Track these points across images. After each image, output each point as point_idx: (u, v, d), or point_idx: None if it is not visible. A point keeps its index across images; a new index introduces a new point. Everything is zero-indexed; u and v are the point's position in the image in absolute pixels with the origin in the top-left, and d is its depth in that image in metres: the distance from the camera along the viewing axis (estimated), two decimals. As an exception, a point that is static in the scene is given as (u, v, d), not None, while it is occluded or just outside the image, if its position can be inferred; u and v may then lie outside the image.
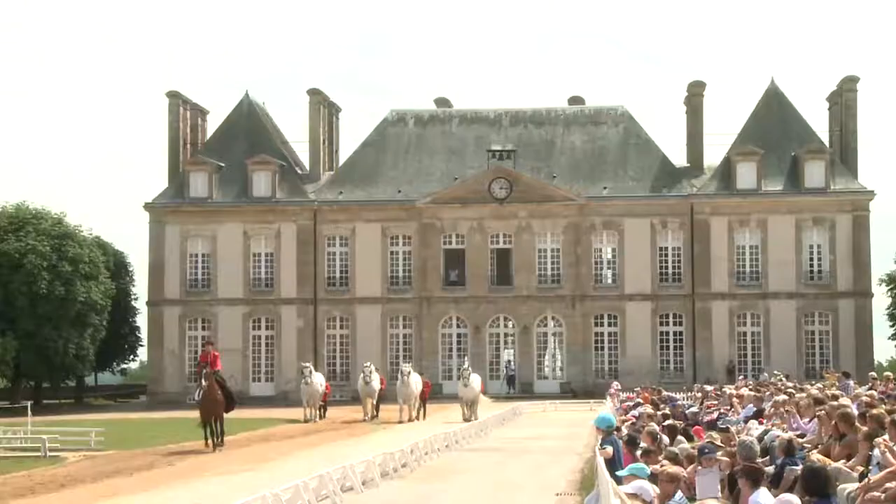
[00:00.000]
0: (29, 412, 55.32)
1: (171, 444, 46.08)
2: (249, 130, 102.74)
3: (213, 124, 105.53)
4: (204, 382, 44.07)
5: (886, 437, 18.24)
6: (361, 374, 64.17)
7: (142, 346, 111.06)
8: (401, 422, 58.97)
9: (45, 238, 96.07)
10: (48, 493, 30.44)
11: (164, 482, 32.82)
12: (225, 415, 45.58)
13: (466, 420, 55.52)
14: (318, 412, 63.25)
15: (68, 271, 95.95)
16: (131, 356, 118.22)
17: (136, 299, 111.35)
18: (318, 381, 63.52)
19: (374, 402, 63.77)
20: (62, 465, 38.88)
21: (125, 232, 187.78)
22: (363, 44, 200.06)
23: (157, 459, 40.02)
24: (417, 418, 62.75)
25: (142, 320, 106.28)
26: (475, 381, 61.14)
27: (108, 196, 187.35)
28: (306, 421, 61.00)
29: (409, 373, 62.71)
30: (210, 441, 43.70)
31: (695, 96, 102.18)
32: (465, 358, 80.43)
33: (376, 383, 63.18)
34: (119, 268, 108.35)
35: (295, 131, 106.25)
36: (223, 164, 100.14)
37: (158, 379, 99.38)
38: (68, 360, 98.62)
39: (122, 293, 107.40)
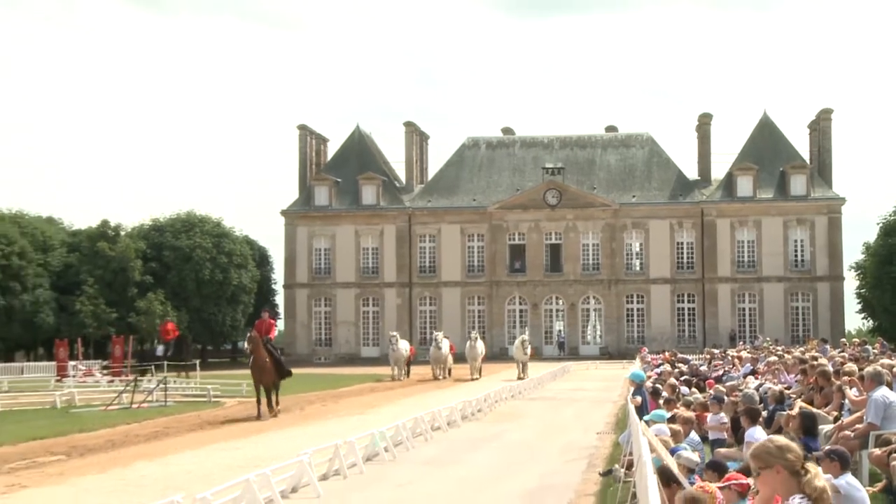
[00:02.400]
0: (197, 368, 55.83)
1: (302, 394, 46.23)
2: (360, 154, 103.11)
3: (332, 149, 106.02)
4: (247, 346, 36.59)
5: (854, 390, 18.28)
6: (434, 341, 62.57)
7: (279, 318, 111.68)
8: (472, 378, 58.17)
9: (208, 237, 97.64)
10: (213, 429, 30.76)
11: (297, 423, 33.01)
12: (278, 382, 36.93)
13: (520, 378, 54.69)
14: (403, 371, 61.77)
15: (225, 262, 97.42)
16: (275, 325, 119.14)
17: (275, 283, 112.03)
18: (403, 346, 61.90)
19: (446, 364, 61.90)
20: (222, 408, 39.30)
21: (267, 232, 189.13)
22: (446, 85, 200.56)
23: (292, 405, 40.10)
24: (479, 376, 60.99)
25: (279, 299, 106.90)
26: (528, 347, 60.37)
27: (255, 204, 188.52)
28: (393, 379, 59.59)
29: (477, 339, 61.74)
30: (261, 407, 34.92)
31: (704, 125, 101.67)
32: (526, 329, 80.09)
33: (445, 349, 61.35)
34: (262, 259, 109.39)
35: (394, 154, 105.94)
36: (340, 180, 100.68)
37: (292, 344, 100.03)
38: (225, 329, 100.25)
39: (264, 279, 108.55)
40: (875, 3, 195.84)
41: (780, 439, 6.85)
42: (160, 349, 55.35)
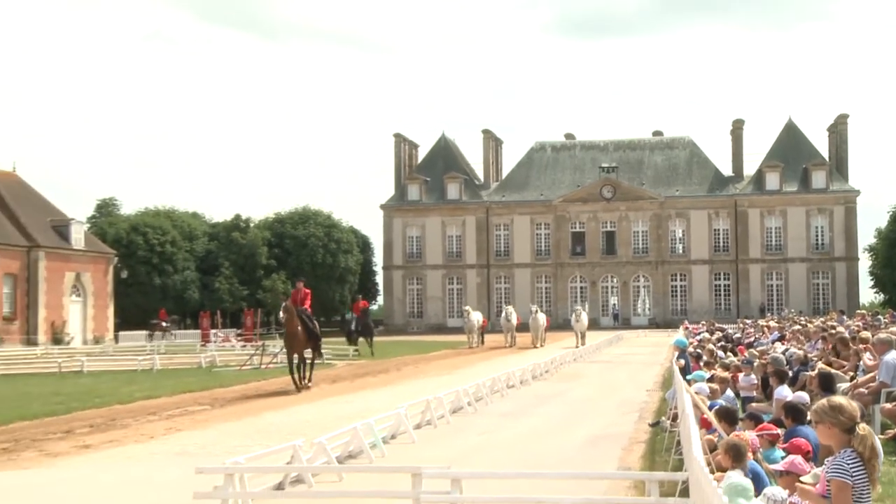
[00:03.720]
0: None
1: (398, 357, 46.53)
2: (445, 157, 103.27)
3: (422, 153, 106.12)
4: (282, 315, 30.02)
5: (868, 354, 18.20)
6: (504, 314, 61.38)
7: (379, 295, 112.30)
8: (534, 346, 56.48)
9: (320, 227, 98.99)
10: (327, 385, 31.15)
11: (395, 382, 33.20)
12: (313, 355, 31.43)
13: (577, 346, 52.43)
14: (478, 339, 60.14)
15: (334, 248, 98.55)
16: (373, 301, 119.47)
17: (375, 266, 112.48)
18: (476, 317, 60.64)
19: (513, 333, 59.88)
20: (333, 369, 39.64)
21: (368, 223, 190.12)
22: (518, 98, 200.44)
23: (391, 366, 40.43)
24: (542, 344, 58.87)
25: (379, 279, 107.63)
26: (584, 318, 59.29)
27: (358, 200, 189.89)
28: (470, 347, 57.91)
29: (537, 311, 60.02)
30: (296, 377, 29.41)
31: (737, 129, 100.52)
32: (586, 304, 79.62)
33: (514, 320, 59.78)
34: (365, 246, 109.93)
35: (474, 156, 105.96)
36: (428, 179, 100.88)
37: (390, 316, 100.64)
38: (335, 304, 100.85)
39: (366, 262, 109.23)
40: (883, 24, 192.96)
41: (838, 400, 6.73)
42: (354, 323, 54.88)
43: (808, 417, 11.90)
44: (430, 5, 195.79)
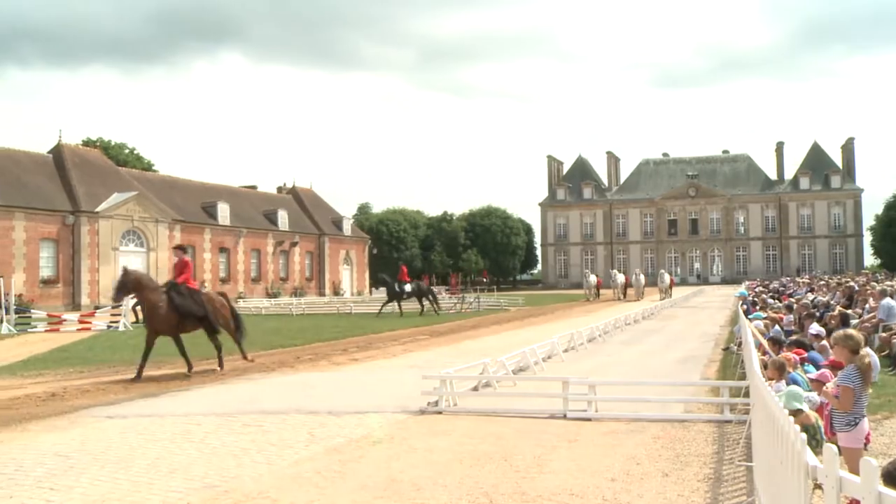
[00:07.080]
0: (495, 290, 55.93)
1: (548, 304, 45.86)
2: (581, 170, 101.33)
3: (566, 167, 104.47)
4: (116, 291, 14.73)
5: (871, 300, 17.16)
6: (612, 275, 56.93)
7: (538, 263, 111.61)
8: (637, 299, 51.57)
9: (499, 218, 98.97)
10: (507, 323, 30.92)
11: (550, 321, 32.50)
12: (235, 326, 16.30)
13: (662, 298, 47.70)
14: (594, 293, 54.51)
15: (508, 232, 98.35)
16: (535, 266, 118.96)
17: (536, 243, 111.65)
18: (592, 279, 55.49)
19: (622, 290, 54.10)
20: (507, 312, 39.61)
21: (531, 214, 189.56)
22: (630, 129, 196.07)
23: (547, 311, 39.88)
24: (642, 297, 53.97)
25: (538, 252, 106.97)
26: (666, 277, 53.56)
27: (524, 199, 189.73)
28: (587, 299, 53.46)
29: (639, 274, 56.00)
30: (146, 362, 14.22)
31: (779, 148, 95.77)
32: (678, 268, 77.27)
33: (621, 280, 54.84)
34: (528, 230, 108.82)
35: (601, 169, 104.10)
36: (570, 185, 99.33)
37: (546, 277, 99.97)
38: (509, 269, 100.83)
39: (529, 241, 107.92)
40: (874, 77, 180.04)
41: (850, 331, 6.47)
42: (407, 287, 42.02)
43: (810, 346, 11.32)
44: (569, 70, 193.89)
